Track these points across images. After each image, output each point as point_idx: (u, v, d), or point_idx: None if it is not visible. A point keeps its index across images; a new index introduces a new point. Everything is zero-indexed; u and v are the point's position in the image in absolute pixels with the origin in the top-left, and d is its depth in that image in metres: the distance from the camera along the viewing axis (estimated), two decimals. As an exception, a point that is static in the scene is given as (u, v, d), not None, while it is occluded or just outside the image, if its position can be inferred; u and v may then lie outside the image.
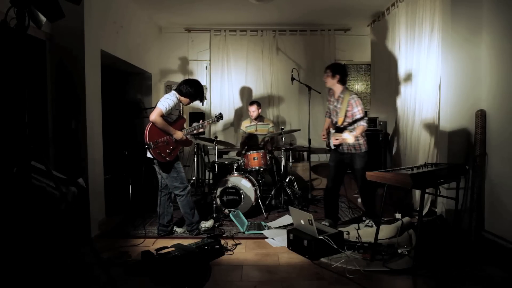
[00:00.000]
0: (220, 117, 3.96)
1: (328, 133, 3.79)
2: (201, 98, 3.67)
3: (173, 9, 5.39)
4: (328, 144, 3.80)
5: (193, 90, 3.52)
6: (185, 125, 3.62)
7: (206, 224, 3.67)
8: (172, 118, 3.47)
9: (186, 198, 3.51)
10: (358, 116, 3.52)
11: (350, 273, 2.65)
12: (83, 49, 3.47)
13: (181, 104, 3.58)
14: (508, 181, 3.05)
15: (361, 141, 3.61)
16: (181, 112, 3.76)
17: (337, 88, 3.67)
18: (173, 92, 3.51)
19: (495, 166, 3.21)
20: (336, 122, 3.66)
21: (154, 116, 3.28)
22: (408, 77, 4.58)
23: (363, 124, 3.51)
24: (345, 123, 3.62)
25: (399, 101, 4.88)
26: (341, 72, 3.65)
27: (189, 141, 3.69)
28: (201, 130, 3.77)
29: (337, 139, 3.53)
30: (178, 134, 3.44)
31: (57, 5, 2.00)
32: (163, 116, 3.32)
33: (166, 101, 3.36)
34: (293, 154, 5.85)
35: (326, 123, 3.93)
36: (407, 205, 4.20)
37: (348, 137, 3.31)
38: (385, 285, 2.54)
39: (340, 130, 3.63)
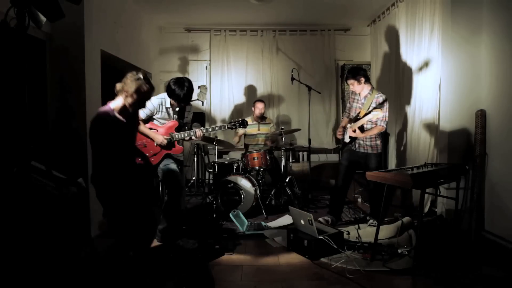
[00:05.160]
0: (242, 123, 3.46)
1: (344, 129, 3.80)
2: (174, 95, 3.24)
3: (173, 9, 5.39)
4: (343, 141, 3.80)
5: (171, 86, 3.22)
6: (201, 128, 3.38)
7: (186, 244, 3.20)
8: (160, 121, 3.36)
9: None
10: (384, 114, 3.52)
11: (350, 273, 2.65)
12: (83, 49, 3.47)
13: (169, 104, 3.34)
14: (508, 181, 3.05)
15: (378, 141, 3.67)
16: (185, 114, 3.56)
17: (366, 88, 3.67)
18: (165, 93, 3.37)
19: (495, 166, 3.21)
20: (358, 114, 3.65)
21: None
22: (408, 77, 4.58)
23: (382, 125, 3.54)
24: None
25: (399, 101, 4.88)
26: (361, 72, 3.64)
27: (179, 147, 3.39)
28: (194, 138, 3.38)
29: (354, 130, 3.55)
30: (157, 139, 3.24)
31: (57, 5, 2.00)
32: (143, 120, 3.25)
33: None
34: (293, 154, 5.84)
35: (343, 121, 3.93)
36: (407, 205, 4.20)
37: (376, 114, 3.30)
38: (385, 285, 2.54)
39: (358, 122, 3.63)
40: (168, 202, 3.25)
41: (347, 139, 3.72)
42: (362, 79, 3.61)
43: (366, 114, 3.58)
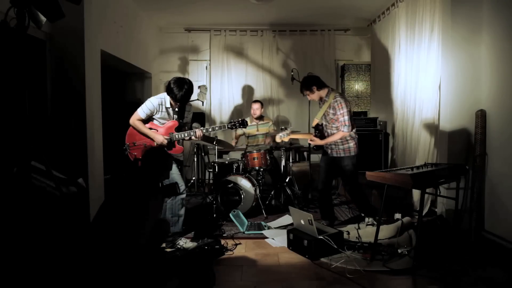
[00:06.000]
0: (242, 123, 3.47)
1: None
2: (171, 94, 3.23)
3: (173, 9, 5.39)
4: (314, 147, 3.91)
5: (171, 85, 3.22)
6: (201, 129, 3.39)
7: (186, 244, 3.20)
8: (160, 121, 3.37)
9: (171, 202, 3.32)
10: (341, 118, 3.52)
11: (350, 273, 2.65)
12: (83, 49, 3.47)
13: (169, 104, 3.35)
14: (508, 181, 3.05)
15: (351, 144, 3.63)
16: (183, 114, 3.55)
17: (322, 93, 3.71)
18: (165, 93, 3.38)
19: (495, 166, 3.21)
20: (318, 124, 3.75)
21: (131, 119, 3.30)
22: (408, 77, 4.57)
23: (343, 130, 3.52)
24: (327, 125, 3.69)
25: (399, 101, 4.87)
26: (312, 81, 3.69)
27: (179, 147, 3.41)
28: (194, 138, 3.40)
29: (312, 140, 3.69)
30: (157, 138, 3.27)
31: (57, 5, 2.00)
32: (143, 120, 3.29)
33: (144, 104, 3.30)
34: (293, 154, 5.85)
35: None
36: (407, 205, 4.20)
37: (278, 137, 3.72)
38: (385, 285, 2.54)
39: (316, 131, 3.75)
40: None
41: (313, 146, 3.84)
42: (314, 87, 3.66)
43: (316, 130, 3.77)
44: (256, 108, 5.05)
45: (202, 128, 3.43)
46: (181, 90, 3.19)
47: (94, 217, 2.42)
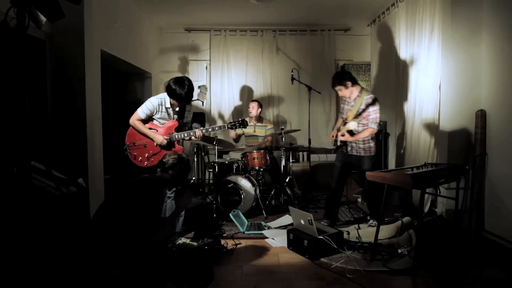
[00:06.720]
0: (242, 123, 3.43)
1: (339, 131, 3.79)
2: (175, 95, 3.24)
3: (173, 9, 5.39)
4: (335, 143, 3.80)
5: (172, 86, 3.22)
6: (200, 129, 3.38)
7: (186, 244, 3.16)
8: (160, 121, 3.37)
9: (171, 202, 3.32)
10: (373, 116, 3.50)
11: (350, 273, 2.65)
12: (83, 49, 3.47)
13: (169, 104, 3.35)
14: (508, 181, 3.05)
15: (372, 144, 3.62)
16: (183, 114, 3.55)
17: (355, 90, 3.65)
18: (165, 93, 3.38)
19: (495, 166, 3.21)
20: (347, 119, 3.66)
21: (131, 119, 3.30)
22: (408, 77, 4.57)
23: (372, 126, 3.51)
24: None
25: (399, 101, 4.88)
26: (347, 76, 3.63)
27: (179, 147, 3.40)
28: (194, 138, 3.39)
29: (343, 134, 3.55)
30: (157, 139, 3.27)
31: (57, 5, 2.00)
32: (143, 120, 3.29)
33: (144, 104, 3.30)
34: (293, 154, 5.84)
35: (338, 122, 3.92)
36: (407, 205, 4.20)
37: (353, 124, 3.41)
38: (385, 285, 2.54)
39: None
40: None
41: (339, 142, 3.72)
42: (349, 83, 3.59)
43: (355, 117, 3.60)
44: (252, 107, 4.99)
45: (202, 128, 3.43)
46: (183, 88, 3.21)
47: (95, 213, 2.41)
